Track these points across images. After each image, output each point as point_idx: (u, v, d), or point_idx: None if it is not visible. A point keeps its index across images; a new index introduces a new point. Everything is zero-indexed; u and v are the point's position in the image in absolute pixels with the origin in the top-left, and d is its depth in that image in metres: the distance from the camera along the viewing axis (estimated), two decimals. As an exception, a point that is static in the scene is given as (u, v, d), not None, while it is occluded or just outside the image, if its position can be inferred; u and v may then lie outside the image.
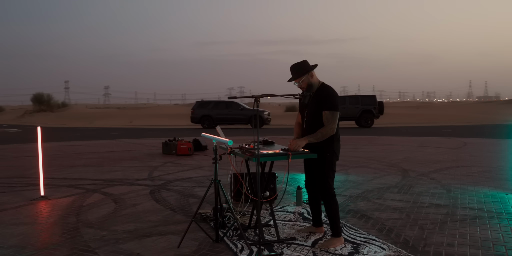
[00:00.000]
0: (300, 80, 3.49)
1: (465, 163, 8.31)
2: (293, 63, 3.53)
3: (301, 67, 3.49)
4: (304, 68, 3.48)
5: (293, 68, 3.53)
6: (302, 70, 3.48)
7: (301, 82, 3.50)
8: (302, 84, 3.51)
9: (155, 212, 4.73)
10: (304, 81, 3.50)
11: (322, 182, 3.52)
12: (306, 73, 3.47)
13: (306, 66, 3.50)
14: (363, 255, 3.32)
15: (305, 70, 3.47)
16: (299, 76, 3.48)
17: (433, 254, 3.35)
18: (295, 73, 3.51)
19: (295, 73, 3.51)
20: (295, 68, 3.51)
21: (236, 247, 3.51)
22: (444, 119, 30.64)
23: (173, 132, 19.74)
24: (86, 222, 4.32)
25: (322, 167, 3.50)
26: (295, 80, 3.52)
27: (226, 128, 22.86)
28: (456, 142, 12.85)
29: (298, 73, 3.49)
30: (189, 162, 8.93)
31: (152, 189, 6.05)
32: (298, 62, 3.52)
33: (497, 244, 3.58)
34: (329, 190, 3.54)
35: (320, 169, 3.51)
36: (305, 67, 3.49)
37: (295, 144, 3.41)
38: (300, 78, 3.49)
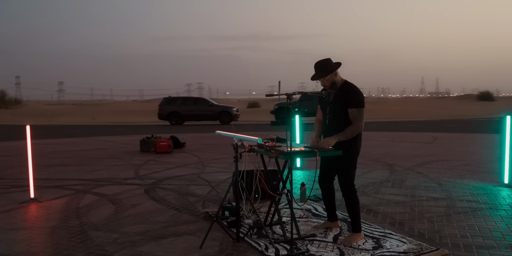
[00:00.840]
0: (325, 79, 3.49)
1: (443, 157, 8.64)
2: (317, 61, 3.52)
3: (326, 66, 3.49)
4: (329, 67, 3.48)
5: (318, 66, 3.51)
6: (327, 69, 3.48)
7: (325, 81, 3.50)
8: (326, 83, 3.50)
9: (160, 212, 4.59)
10: (328, 80, 3.49)
11: (344, 179, 3.54)
12: (331, 72, 3.47)
13: (331, 65, 3.49)
14: (387, 249, 3.37)
15: (330, 69, 3.47)
16: (324, 75, 3.47)
17: (452, 246, 3.46)
18: (320, 71, 3.49)
19: (320, 71, 3.49)
20: (320, 67, 3.50)
21: (260, 246, 3.47)
22: (405, 114, 31.72)
23: (141, 129, 19.28)
24: (91, 225, 4.14)
25: (346, 164, 3.52)
26: (320, 79, 3.51)
27: (194, 124, 22.61)
28: (426, 137, 13.33)
29: (324, 71, 3.48)
30: (171, 159, 8.75)
31: (145, 188, 5.88)
32: (323, 60, 3.51)
33: (507, 234, 3.73)
34: (351, 187, 3.56)
35: (343, 166, 3.53)
36: (330, 66, 3.48)
37: (326, 142, 3.41)
38: (325, 77, 3.48)
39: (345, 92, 3.48)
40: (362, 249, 3.39)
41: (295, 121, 7.51)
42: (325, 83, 3.51)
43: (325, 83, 3.51)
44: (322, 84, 3.56)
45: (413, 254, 3.27)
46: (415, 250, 3.35)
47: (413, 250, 3.35)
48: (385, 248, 3.40)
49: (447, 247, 3.44)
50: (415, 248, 3.39)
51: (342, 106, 3.49)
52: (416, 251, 3.34)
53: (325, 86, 3.56)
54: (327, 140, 3.43)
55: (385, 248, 3.41)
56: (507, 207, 4.66)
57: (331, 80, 3.50)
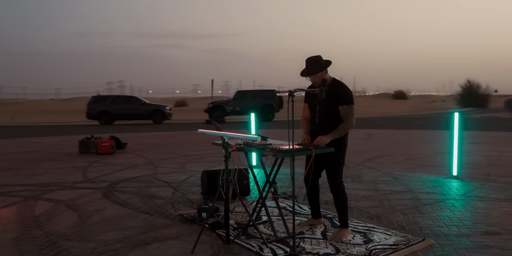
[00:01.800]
0: (316, 76, 3.48)
1: (386, 153, 9.10)
2: (308, 57, 3.50)
3: (317, 63, 3.49)
4: (320, 64, 3.49)
5: (309, 63, 3.50)
6: (319, 66, 3.48)
7: (316, 78, 3.49)
8: (317, 80, 3.50)
9: (130, 217, 4.31)
10: (319, 77, 3.49)
11: (334, 175, 3.57)
12: (322, 70, 3.48)
13: (322, 63, 3.51)
14: (378, 243, 3.46)
15: (321, 67, 3.48)
16: (316, 72, 3.47)
17: (434, 236, 3.63)
18: (312, 68, 3.48)
19: (312, 68, 3.48)
20: (312, 64, 3.49)
21: (253, 247, 3.38)
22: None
23: (69, 129, 18.06)
24: (58, 234, 3.76)
25: (335, 160, 3.55)
26: (311, 76, 3.50)
27: (126, 124, 21.67)
28: (362, 133, 13.97)
29: (315, 69, 3.48)
30: (116, 161, 8.28)
31: (103, 192, 5.48)
32: (314, 57, 3.50)
33: (476, 222, 4.00)
34: (341, 183, 3.60)
35: (333, 162, 3.55)
36: (321, 63, 3.49)
37: (320, 140, 3.41)
38: (316, 74, 3.47)
39: (336, 89, 3.50)
40: (354, 244, 3.44)
41: (250, 119, 7.46)
42: (315, 80, 3.51)
43: (315, 80, 3.51)
44: (312, 81, 3.55)
45: (404, 246, 3.38)
46: (404, 242, 3.46)
47: (402, 242, 3.46)
48: (375, 242, 3.48)
49: (429, 237, 3.61)
50: (403, 240, 3.51)
51: (332, 103, 3.51)
52: (405, 243, 3.45)
53: (314, 83, 3.55)
54: (321, 138, 3.43)
55: (375, 241, 3.49)
56: (464, 197, 5.00)
57: (321, 77, 3.50)
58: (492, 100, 44.63)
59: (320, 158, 3.61)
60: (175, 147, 10.66)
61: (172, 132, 15.75)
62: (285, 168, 6.21)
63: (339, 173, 3.59)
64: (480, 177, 6.19)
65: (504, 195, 5.07)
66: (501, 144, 10.29)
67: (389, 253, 3.23)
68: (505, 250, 3.30)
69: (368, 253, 3.23)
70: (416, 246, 3.39)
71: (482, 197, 4.96)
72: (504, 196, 5.00)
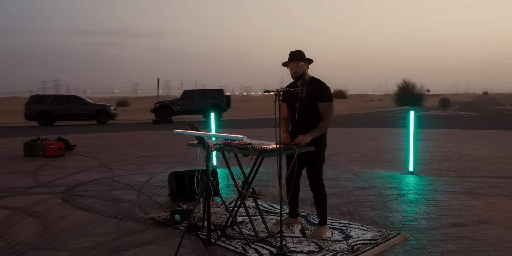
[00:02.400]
0: (299, 64, 3.52)
1: (340, 150, 9.36)
2: (293, 50, 3.59)
3: (303, 55, 3.58)
4: (304, 56, 3.58)
5: (294, 52, 3.58)
6: (303, 56, 3.57)
7: (299, 67, 3.52)
8: (298, 70, 3.53)
9: (99, 223, 4.10)
10: (301, 68, 3.54)
11: (315, 173, 3.61)
12: (307, 59, 3.57)
13: (304, 55, 3.58)
14: (356, 238, 3.54)
15: (305, 58, 3.57)
16: (300, 59, 3.53)
17: (406, 229, 3.79)
18: (297, 56, 3.55)
19: (297, 56, 3.55)
20: (297, 53, 3.58)
21: (236, 248, 3.34)
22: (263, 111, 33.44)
23: (8, 131, 16.86)
24: (24, 244, 3.50)
25: (316, 159, 3.59)
26: (295, 62, 3.54)
27: (69, 125, 20.62)
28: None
29: (301, 57, 3.55)
30: (68, 163, 7.85)
31: (61, 197, 5.18)
32: (298, 50, 3.61)
33: (442, 215, 4.23)
34: (321, 181, 3.65)
35: (313, 161, 3.59)
36: (304, 55, 3.58)
37: (301, 139, 3.43)
38: (301, 61, 3.53)
39: (315, 87, 3.54)
40: (335, 241, 3.50)
41: (211, 118, 7.37)
42: (297, 70, 3.54)
43: (297, 70, 3.54)
44: (293, 71, 3.57)
45: (382, 240, 3.49)
46: (381, 237, 3.58)
47: (380, 237, 3.57)
48: (354, 238, 3.57)
49: (402, 230, 3.76)
50: (380, 235, 3.63)
51: (312, 101, 3.55)
52: (382, 237, 3.57)
53: (294, 74, 3.57)
54: (302, 137, 3.46)
55: (354, 237, 3.58)
56: (424, 191, 5.26)
57: (303, 69, 3.56)
58: (426, 99, 47.37)
59: (301, 157, 3.64)
60: (126, 148, 10.30)
61: (119, 133, 15.20)
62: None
63: (320, 172, 3.64)
64: (433, 172, 6.54)
65: (459, 188, 5.39)
66: (444, 141, 10.96)
67: (370, 248, 3.32)
68: (474, 240, 3.50)
69: (351, 249, 3.30)
70: (393, 240, 3.52)
71: (441, 191, 5.25)
72: (459, 190, 5.32)
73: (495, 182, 5.72)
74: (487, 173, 6.41)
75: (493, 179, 5.95)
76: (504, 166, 6.96)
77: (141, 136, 13.64)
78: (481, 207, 4.51)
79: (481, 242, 3.45)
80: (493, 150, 8.95)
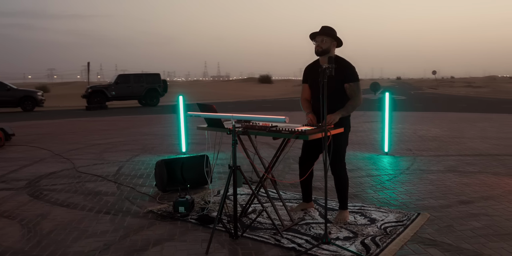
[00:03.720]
0: (324, 38, 3.33)
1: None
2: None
3: (333, 30, 3.39)
4: (335, 33, 3.37)
5: (326, 26, 3.40)
6: (333, 32, 3.37)
7: (324, 41, 3.34)
8: (322, 44, 3.34)
9: (92, 220, 3.61)
10: (325, 43, 3.33)
11: (339, 156, 3.44)
12: (335, 37, 3.37)
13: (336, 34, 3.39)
14: (382, 221, 3.45)
15: (335, 35, 3.37)
16: (327, 35, 3.34)
17: (422, 209, 3.76)
18: (326, 30, 3.36)
19: (326, 30, 3.36)
20: (327, 28, 3.39)
21: (269, 240, 3.08)
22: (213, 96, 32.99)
23: None
24: (14, 252, 2.94)
25: (341, 141, 3.41)
26: (321, 36, 3.34)
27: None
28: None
29: (329, 32, 3.36)
30: (13, 155, 6.96)
31: (27, 192, 4.52)
32: (330, 27, 3.43)
33: (444, 193, 4.28)
34: (344, 165, 3.49)
35: (339, 144, 3.41)
36: (336, 34, 3.38)
37: (331, 119, 3.23)
38: (327, 37, 3.34)
39: (342, 66, 3.34)
40: (363, 225, 3.38)
41: (179, 101, 6.90)
42: (321, 44, 3.35)
43: (321, 44, 3.35)
44: (316, 45, 3.38)
45: (408, 221, 3.43)
46: (405, 218, 3.52)
47: (403, 218, 3.51)
48: (379, 220, 3.47)
49: (418, 210, 3.73)
50: (402, 216, 3.56)
51: (339, 80, 3.35)
52: (406, 218, 3.51)
53: (317, 48, 3.36)
54: (331, 116, 3.26)
55: (378, 220, 3.48)
56: (411, 171, 5.34)
57: (327, 45, 3.36)
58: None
59: (319, 140, 3.44)
60: (72, 136, 9.42)
61: (54, 120, 13.93)
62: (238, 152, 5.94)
63: (343, 155, 3.47)
64: (405, 152, 6.70)
65: (441, 167, 5.55)
66: (393, 122, 11.37)
67: (403, 230, 3.24)
68: (491, 216, 3.56)
69: (384, 232, 3.20)
70: (418, 220, 3.47)
71: (426, 170, 5.35)
72: (442, 168, 5.47)
73: (469, 160, 5.97)
74: (454, 151, 6.70)
75: (464, 157, 6.21)
76: (465, 145, 7.33)
77: (81, 123, 12.60)
78: (473, 184, 4.64)
79: (498, 217, 3.52)
80: (443, 130, 9.43)
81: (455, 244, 2.98)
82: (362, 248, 2.91)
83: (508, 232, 3.19)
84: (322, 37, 3.34)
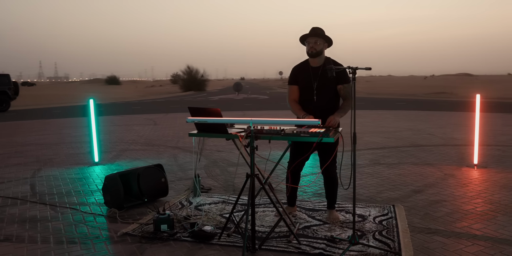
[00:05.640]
0: (318, 40, 3.34)
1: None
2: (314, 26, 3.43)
3: (323, 32, 3.41)
4: (325, 33, 3.40)
5: (316, 28, 3.40)
6: (324, 33, 3.39)
7: (317, 43, 3.34)
8: (315, 46, 3.34)
9: (60, 254, 2.95)
10: (319, 44, 3.35)
11: (334, 159, 3.47)
12: (328, 38, 3.39)
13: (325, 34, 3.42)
14: (370, 216, 3.60)
15: (328, 37, 3.39)
16: (320, 36, 3.34)
17: (389, 201, 4.04)
18: (318, 31, 3.35)
19: (318, 31, 3.35)
20: (318, 29, 3.39)
21: (288, 248, 2.94)
22: (54, 99, 29.96)
23: None
24: None
25: (336, 144, 3.43)
26: (314, 38, 3.34)
27: None
28: (143, 120, 13.39)
29: (322, 34, 3.36)
30: None
31: None
32: (320, 27, 3.44)
33: (395, 185, 4.66)
34: (336, 166, 3.54)
35: (334, 145, 3.43)
36: (325, 34, 3.40)
37: (334, 121, 3.24)
38: (319, 38, 3.34)
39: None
40: (358, 221, 3.47)
41: (89, 105, 6.09)
42: (314, 46, 3.35)
43: (314, 46, 3.35)
44: (310, 46, 3.36)
45: (391, 213, 3.66)
46: (386, 211, 3.74)
47: (385, 211, 3.73)
48: (368, 216, 3.61)
49: (388, 203, 4.00)
50: (382, 210, 3.78)
51: (332, 81, 3.38)
52: (387, 211, 3.74)
53: (311, 50, 3.36)
54: (334, 118, 3.25)
55: (367, 215, 3.63)
56: (343, 166, 5.67)
57: (321, 46, 3.36)
58: (210, 84, 50.23)
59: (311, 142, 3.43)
60: None
61: None
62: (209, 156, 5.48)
63: (336, 156, 3.51)
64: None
65: (366, 160, 6.03)
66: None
67: (396, 223, 3.43)
68: (448, 201, 4.02)
69: (383, 226, 3.34)
70: (399, 212, 3.72)
71: (358, 165, 5.75)
72: (368, 161, 5.95)
73: (381, 153, 6.62)
74: (361, 146, 7.34)
75: (374, 150, 6.87)
76: (362, 139, 8.10)
77: None
78: (406, 174, 5.17)
79: (457, 202, 3.99)
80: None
81: (447, 229, 3.28)
82: (380, 244, 2.99)
83: (476, 213, 3.64)
84: (316, 38, 3.33)
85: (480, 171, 5.25)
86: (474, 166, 5.49)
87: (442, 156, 6.28)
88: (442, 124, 10.72)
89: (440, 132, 9.03)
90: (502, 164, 5.64)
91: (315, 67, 3.42)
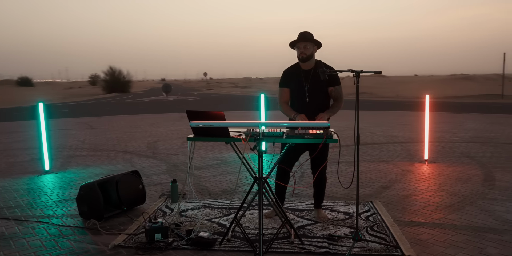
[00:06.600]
0: (307, 45, 3.41)
1: (174, 136, 8.83)
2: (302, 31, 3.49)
3: (312, 36, 3.47)
4: (313, 37, 3.47)
5: (305, 32, 3.46)
6: (313, 37, 3.46)
7: (307, 47, 3.41)
8: (305, 50, 3.41)
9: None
10: (309, 49, 3.42)
11: (326, 158, 3.56)
12: (318, 42, 3.47)
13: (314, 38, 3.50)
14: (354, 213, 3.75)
15: (315, 39, 3.46)
16: (309, 40, 3.42)
17: (365, 198, 4.25)
18: (307, 36, 3.43)
19: (307, 36, 3.43)
20: (307, 33, 3.46)
21: (293, 249, 2.99)
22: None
23: None
24: None
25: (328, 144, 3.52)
26: (304, 42, 3.40)
27: None
28: (76, 123, 12.64)
29: (311, 38, 3.44)
30: None
31: None
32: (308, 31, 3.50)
33: (363, 182, 4.89)
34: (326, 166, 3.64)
35: (327, 147, 3.53)
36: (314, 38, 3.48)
37: (324, 117, 3.35)
38: (309, 42, 3.41)
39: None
40: (345, 219, 3.61)
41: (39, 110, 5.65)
42: (305, 50, 3.42)
43: (305, 50, 3.42)
44: (300, 51, 3.43)
45: (373, 209, 3.86)
46: (367, 207, 3.93)
47: (367, 207, 3.92)
48: (353, 213, 3.77)
49: (365, 199, 4.20)
50: (363, 206, 3.96)
51: (324, 84, 3.46)
52: (368, 207, 3.93)
53: (301, 54, 3.43)
54: (323, 115, 3.34)
55: (352, 213, 3.78)
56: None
57: (311, 50, 3.44)
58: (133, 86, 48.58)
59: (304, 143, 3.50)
60: None
61: None
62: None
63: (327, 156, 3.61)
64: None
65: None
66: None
67: (381, 218, 3.62)
68: (419, 195, 4.32)
69: (372, 224, 3.50)
70: (380, 207, 3.92)
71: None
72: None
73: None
74: (314, 145, 7.58)
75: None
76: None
77: None
78: (368, 171, 5.45)
79: (425, 195, 4.30)
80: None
81: (428, 221, 3.53)
82: (376, 239, 3.14)
83: (446, 204, 3.95)
84: (305, 43, 3.41)
85: (431, 166, 5.69)
86: (425, 161, 5.93)
87: (392, 153, 6.70)
88: (377, 122, 11.40)
89: (379, 131, 9.60)
90: (447, 159, 6.16)
91: (306, 70, 3.49)
